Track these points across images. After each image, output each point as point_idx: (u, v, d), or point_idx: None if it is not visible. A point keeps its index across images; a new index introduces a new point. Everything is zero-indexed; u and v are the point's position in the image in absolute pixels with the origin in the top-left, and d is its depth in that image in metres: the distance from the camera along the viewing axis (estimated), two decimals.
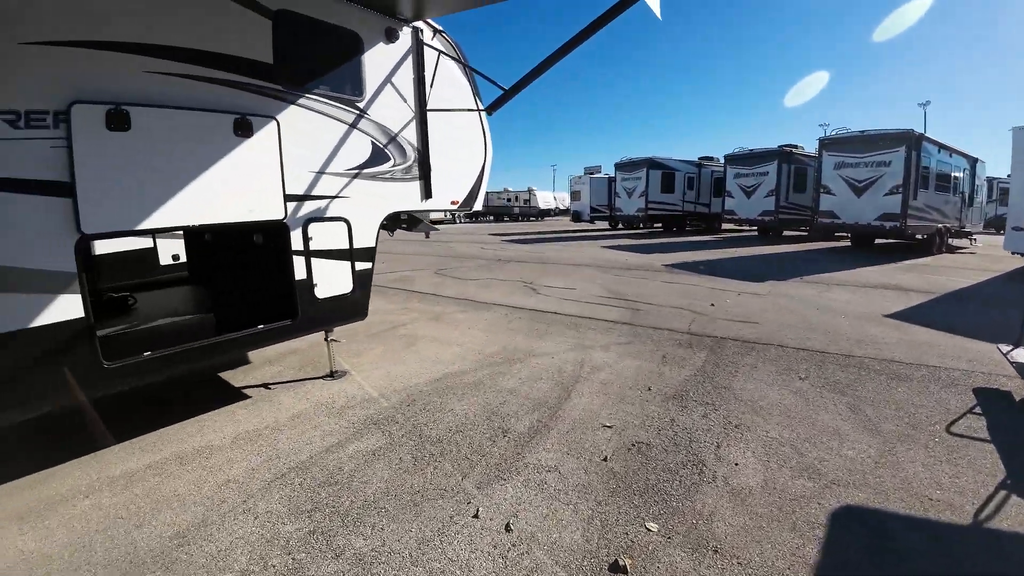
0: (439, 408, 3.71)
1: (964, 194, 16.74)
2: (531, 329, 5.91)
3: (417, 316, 6.69)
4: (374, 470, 2.88)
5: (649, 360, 4.74)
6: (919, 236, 14.50)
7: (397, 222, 5.18)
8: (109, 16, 2.57)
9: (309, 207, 3.67)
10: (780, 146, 18.80)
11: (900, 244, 15.75)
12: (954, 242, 17.24)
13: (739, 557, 2.16)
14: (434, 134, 4.59)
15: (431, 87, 4.48)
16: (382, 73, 4.10)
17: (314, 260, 3.75)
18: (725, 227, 23.35)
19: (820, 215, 15.45)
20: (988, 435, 3.22)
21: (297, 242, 3.62)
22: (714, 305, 7.14)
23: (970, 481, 2.71)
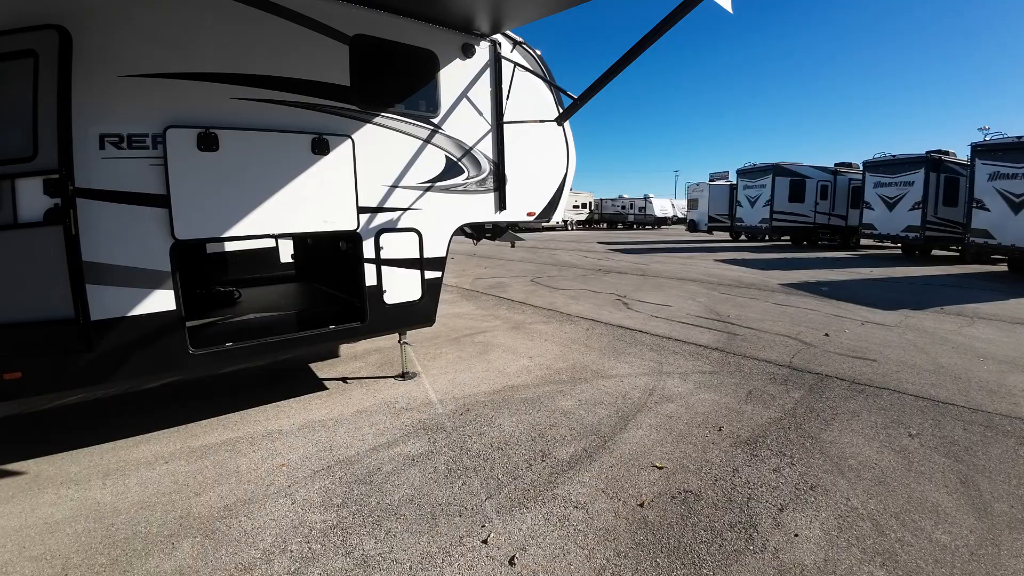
0: (488, 421, 3.70)
1: None
2: (609, 347, 5.63)
3: (499, 324, 6.78)
4: (407, 475, 2.96)
5: (731, 395, 4.21)
6: None
7: (482, 231, 5.30)
8: (198, 50, 3.02)
9: (381, 218, 3.92)
10: (928, 152, 15.69)
11: None
12: None
13: None
14: (511, 146, 4.61)
15: (508, 99, 4.51)
16: (458, 88, 4.22)
17: (384, 268, 3.99)
18: (864, 243, 20.07)
19: (972, 233, 12.58)
20: None
21: (369, 251, 3.89)
22: (828, 335, 6.10)
23: None
